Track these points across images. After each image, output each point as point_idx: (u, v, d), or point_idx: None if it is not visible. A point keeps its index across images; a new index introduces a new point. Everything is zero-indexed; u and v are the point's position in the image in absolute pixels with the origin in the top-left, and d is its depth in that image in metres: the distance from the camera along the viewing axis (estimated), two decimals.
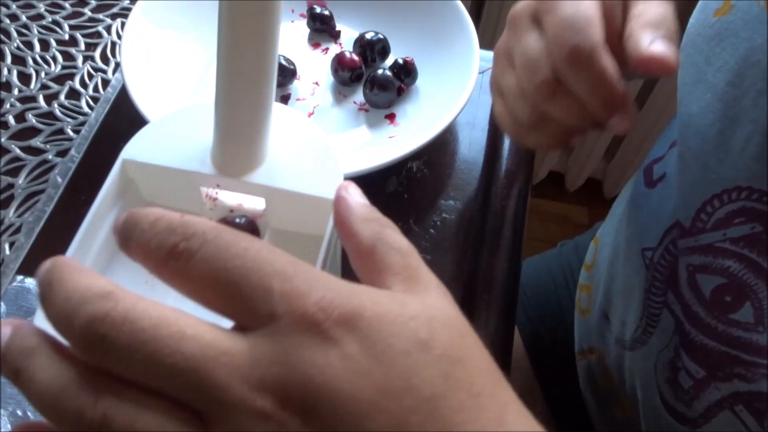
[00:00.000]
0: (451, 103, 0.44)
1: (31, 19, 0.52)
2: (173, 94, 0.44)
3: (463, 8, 0.48)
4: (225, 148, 0.27)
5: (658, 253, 0.37)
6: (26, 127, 0.46)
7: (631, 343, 0.41)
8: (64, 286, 0.19)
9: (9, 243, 0.40)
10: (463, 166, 0.46)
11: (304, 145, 0.29)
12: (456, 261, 0.42)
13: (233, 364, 0.18)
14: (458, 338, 0.21)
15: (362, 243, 0.23)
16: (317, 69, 0.49)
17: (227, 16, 0.24)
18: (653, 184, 0.41)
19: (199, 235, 0.20)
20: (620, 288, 0.43)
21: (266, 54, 0.25)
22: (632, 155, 1.23)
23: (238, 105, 0.26)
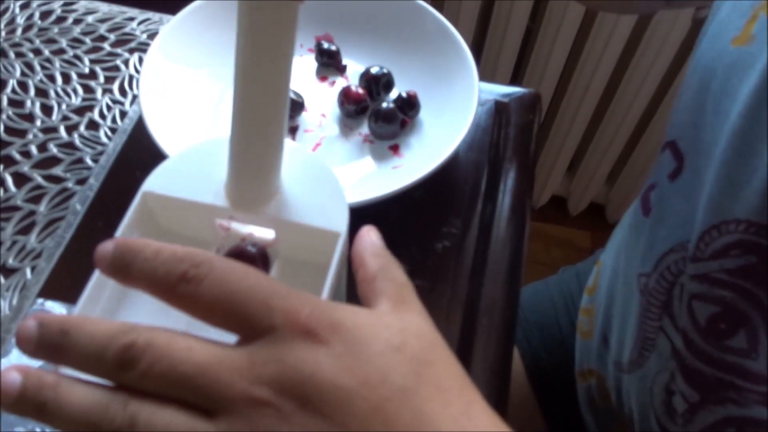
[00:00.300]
0: (453, 135, 0.46)
1: (53, 53, 0.55)
2: (187, 126, 0.47)
3: (464, 44, 0.50)
4: (238, 184, 0.30)
5: (653, 278, 0.39)
6: (48, 156, 0.48)
7: (628, 366, 0.42)
8: (83, 330, 0.23)
9: (31, 267, 0.42)
10: (464, 194, 0.48)
11: (312, 180, 0.31)
12: (456, 287, 0.43)
13: (234, 365, 0.22)
14: (428, 346, 0.25)
15: (368, 272, 0.27)
16: (324, 101, 0.51)
17: (242, 63, 0.26)
18: (649, 211, 0.42)
19: (207, 263, 0.23)
20: (618, 311, 0.44)
21: (278, 105, 0.27)
22: (634, 180, 1.25)
23: (251, 144, 0.28)
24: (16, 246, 0.43)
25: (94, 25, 0.57)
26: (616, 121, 1.15)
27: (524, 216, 0.49)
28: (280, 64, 0.27)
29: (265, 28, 0.26)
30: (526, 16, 1.02)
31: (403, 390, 0.23)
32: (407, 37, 0.53)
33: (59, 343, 0.23)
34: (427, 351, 0.25)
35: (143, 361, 0.22)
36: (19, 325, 0.24)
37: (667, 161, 0.40)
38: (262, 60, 0.26)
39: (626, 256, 0.44)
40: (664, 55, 1.01)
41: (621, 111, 1.13)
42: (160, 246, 0.24)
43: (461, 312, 0.42)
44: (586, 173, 1.27)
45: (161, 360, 0.22)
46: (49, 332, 0.23)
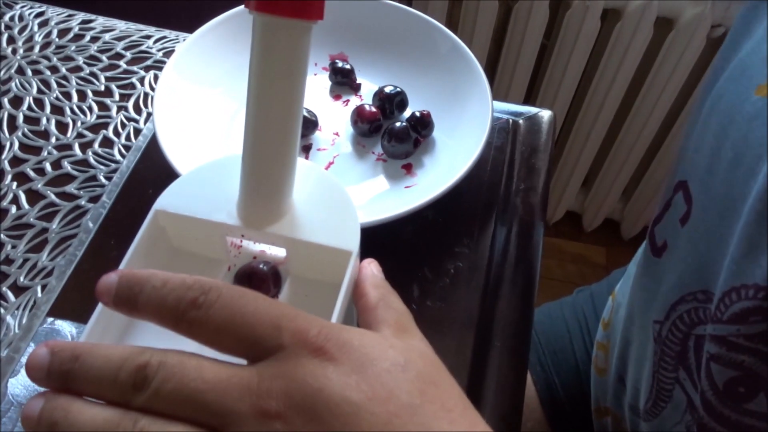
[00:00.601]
0: (466, 155, 0.45)
1: (70, 70, 0.55)
2: (200, 145, 0.47)
3: (477, 63, 0.50)
4: (250, 202, 0.29)
5: (666, 327, 0.37)
6: (61, 173, 0.48)
7: (644, 413, 0.41)
8: (97, 353, 0.23)
9: (41, 286, 0.42)
10: (477, 214, 0.47)
11: (324, 198, 0.31)
12: (469, 308, 0.43)
13: (243, 381, 0.22)
14: (431, 367, 0.25)
15: (369, 301, 0.28)
16: (338, 120, 0.51)
17: (256, 81, 0.26)
18: (659, 252, 0.40)
19: (216, 289, 0.24)
20: (634, 355, 0.43)
21: (291, 123, 0.27)
22: (650, 196, 1.24)
23: (263, 162, 0.28)
24: (27, 264, 0.43)
25: (111, 43, 0.58)
26: (631, 136, 1.14)
27: (538, 237, 0.48)
28: (293, 83, 0.26)
29: (278, 46, 0.26)
30: (540, 35, 1.02)
31: (409, 406, 0.23)
32: (421, 56, 0.53)
33: (71, 368, 0.23)
34: (430, 371, 0.25)
35: (156, 379, 0.22)
36: (30, 354, 0.24)
37: (678, 203, 0.38)
38: (276, 78, 0.26)
39: (639, 298, 0.42)
40: (679, 72, 1.00)
41: (636, 127, 1.12)
42: (167, 275, 0.25)
43: (474, 333, 0.42)
44: (601, 189, 1.26)
45: (173, 377, 0.22)
46: (60, 358, 0.23)
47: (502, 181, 0.50)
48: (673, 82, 1.02)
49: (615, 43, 1.00)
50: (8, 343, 0.40)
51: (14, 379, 0.38)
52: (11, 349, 0.40)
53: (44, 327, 0.40)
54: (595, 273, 1.38)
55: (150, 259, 0.31)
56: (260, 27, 0.25)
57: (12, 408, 0.37)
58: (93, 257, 0.44)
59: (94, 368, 0.23)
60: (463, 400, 0.25)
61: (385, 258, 0.30)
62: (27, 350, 0.39)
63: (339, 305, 0.28)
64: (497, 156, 0.51)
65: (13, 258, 0.44)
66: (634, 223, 1.31)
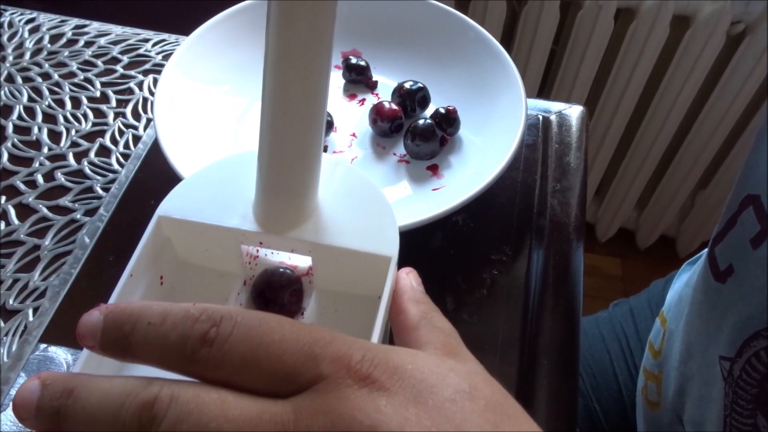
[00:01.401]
0: (498, 154, 0.41)
1: (63, 77, 0.51)
2: (206, 148, 0.43)
3: (506, 54, 0.46)
4: (269, 202, 0.25)
5: (738, 365, 0.33)
6: (54, 185, 0.44)
7: None
8: (94, 387, 0.19)
9: (33, 308, 0.38)
10: (512, 218, 0.43)
11: (354, 196, 0.27)
12: (510, 322, 0.38)
13: (277, 419, 0.18)
14: (500, 394, 0.21)
15: (409, 320, 0.24)
16: (354, 121, 0.47)
17: (276, 58, 0.22)
18: (722, 277, 0.36)
19: (228, 318, 0.19)
20: (696, 394, 0.38)
21: (317, 96, 0.23)
22: (666, 205, 1.20)
23: (284, 154, 0.24)
24: (17, 285, 0.39)
25: (106, 48, 0.54)
26: (647, 141, 1.10)
27: (578, 240, 0.44)
28: (319, 59, 0.22)
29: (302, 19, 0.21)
30: (550, 37, 0.99)
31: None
32: (441, 49, 0.49)
33: (63, 405, 0.19)
34: (499, 398, 0.21)
35: (167, 420, 0.18)
36: (18, 389, 0.19)
37: (747, 221, 0.33)
38: (299, 53, 0.22)
39: (699, 329, 0.38)
40: (697, 72, 0.97)
41: (652, 131, 1.08)
42: (165, 306, 0.20)
43: (518, 350, 0.37)
44: (615, 198, 1.22)
45: (188, 417, 0.18)
46: (51, 393, 0.19)
47: (537, 182, 0.45)
48: (691, 83, 0.98)
49: (629, 43, 0.96)
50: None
51: (4, 414, 0.34)
52: (1, 381, 0.35)
53: (36, 354, 0.36)
54: (611, 286, 1.34)
55: (152, 276, 0.26)
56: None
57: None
58: (90, 276, 0.40)
59: (90, 405, 0.18)
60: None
61: (414, 267, 0.26)
62: (17, 381, 0.35)
63: (379, 322, 0.23)
64: (529, 155, 0.47)
65: (2, 278, 0.39)
66: (650, 232, 1.27)
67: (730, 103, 0.99)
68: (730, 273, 0.35)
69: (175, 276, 0.28)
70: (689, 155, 1.10)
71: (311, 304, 0.27)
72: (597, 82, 1.04)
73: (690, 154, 1.10)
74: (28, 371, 0.35)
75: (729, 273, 0.35)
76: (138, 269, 0.25)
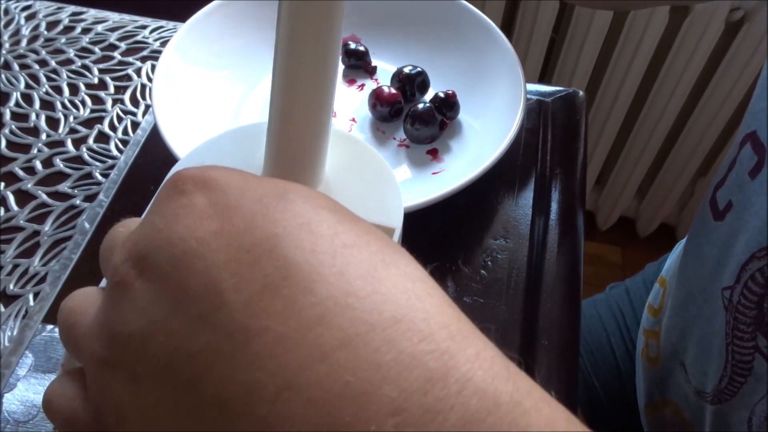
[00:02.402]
0: (497, 137, 0.41)
1: (60, 64, 0.51)
2: (206, 133, 0.42)
3: (504, 38, 0.46)
4: (278, 172, 0.25)
5: (737, 291, 0.34)
6: (53, 171, 0.44)
7: (714, 395, 0.37)
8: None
9: (33, 293, 0.38)
10: (512, 202, 0.43)
11: (361, 168, 0.27)
12: (511, 304, 0.38)
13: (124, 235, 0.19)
14: (328, 199, 0.19)
15: None
16: (353, 106, 0.47)
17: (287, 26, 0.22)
18: (721, 215, 0.37)
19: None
20: (698, 334, 0.39)
21: (328, 65, 0.22)
22: (666, 192, 1.20)
23: (295, 125, 0.24)
24: (17, 270, 0.39)
25: (103, 34, 0.54)
26: (647, 129, 1.10)
27: (579, 225, 0.44)
28: (331, 29, 0.22)
29: None
30: (550, 24, 0.98)
31: (271, 237, 0.16)
32: (440, 34, 0.49)
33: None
34: (327, 201, 0.18)
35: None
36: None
37: (746, 157, 0.35)
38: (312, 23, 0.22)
39: (700, 270, 0.39)
40: (695, 60, 0.96)
41: (651, 119, 1.08)
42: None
43: (518, 332, 0.37)
44: (616, 186, 1.22)
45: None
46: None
47: (537, 166, 0.45)
48: (690, 70, 0.98)
49: (628, 33, 0.96)
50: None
51: (10, 394, 0.34)
52: (2, 365, 0.35)
53: (43, 336, 0.36)
54: (611, 273, 1.34)
55: None
56: None
57: (8, 426, 0.33)
58: (90, 261, 0.39)
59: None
60: (383, 239, 0.18)
61: (414, 251, 0.26)
62: (19, 364, 0.35)
63: None
64: (529, 139, 0.47)
65: (2, 264, 0.39)
66: (651, 220, 1.27)
67: (730, 90, 0.99)
68: (728, 209, 0.36)
69: None
70: (689, 143, 1.10)
71: None
72: (596, 71, 1.04)
73: (690, 142, 1.10)
74: (35, 352, 0.35)
75: (728, 209, 0.36)
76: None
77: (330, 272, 0.16)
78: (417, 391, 0.14)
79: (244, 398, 0.15)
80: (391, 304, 0.15)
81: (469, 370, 0.15)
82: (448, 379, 0.14)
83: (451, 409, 0.14)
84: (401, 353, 0.15)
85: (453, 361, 0.15)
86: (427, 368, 0.14)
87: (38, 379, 0.34)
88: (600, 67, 1.04)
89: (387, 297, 0.16)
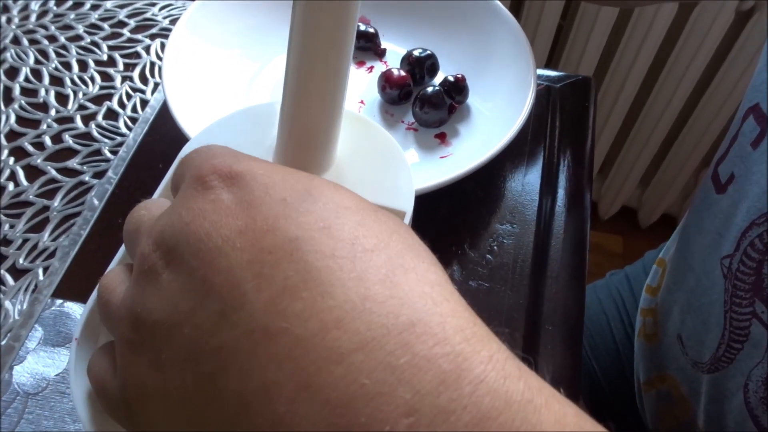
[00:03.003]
0: (506, 122, 0.41)
1: (69, 40, 0.51)
2: (216, 112, 0.42)
3: (516, 23, 0.46)
4: (290, 152, 0.25)
5: (736, 259, 0.34)
6: (63, 148, 0.44)
7: (711, 364, 0.37)
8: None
9: (43, 268, 0.38)
10: (519, 188, 0.43)
11: (373, 151, 0.27)
12: (516, 289, 0.39)
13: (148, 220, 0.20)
14: (352, 198, 0.19)
15: None
16: (362, 88, 0.47)
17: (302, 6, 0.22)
18: (723, 188, 0.38)
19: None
20: (696, 305, 0.39)
21: (343, 46, 0.22)
22: (669, 183, 1.20)
23: (308, 106, 0.24)
24: (27, 245, 0.39)
25: (112, 11, 0.53)
26: (652, 119, 1.09)
27: (586, 212, 0.44)
28: (347, 7, 0.22)
29: None
30: (558, 12, 0.98)
31: (293, 240, 0.17)
32: (451, 17, 0.49)
33: None
34: (349, 198, 0.19)
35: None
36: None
37: (748, 129, 0.36)
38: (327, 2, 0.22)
39: (700, 243, 0.39)
40: (704, 51, 0.96)
41: (657, 109, 1.08)
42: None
43: (523, 317, 0.38)
44: (619, 176, 1.22)
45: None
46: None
47: (545, 152, 0.45)
48: (698, 61, 0.97)
49: (636, 22, 0.95)
50: (8, 331, 0.36)
51: (20, 366, 0.34)
52: (11, 337, 0.35)
53: (52, 310, 0.36)
54: (611, 262, 1.34)
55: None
56: None
57: (18, 398, 0.33)
58: (99, 237, 0.40)
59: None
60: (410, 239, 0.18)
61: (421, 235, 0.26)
62: (29, 337, 0.35)
63: None
64: (537, 124, 0.47)
65: (12, 238, 0.40)
66: (653, 210, 1.27)
67: (737, 80, 0.99)
68: (730, 181, 0.37)
69: None
70: (694, 133, 1.09)
71: None
72: (603, 59, 1.04)
73: (695, 132, 1.09)
74: (44, 325, 0.36)
75: (730, 182, 0.37)
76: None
77: (349, 277, 0.16)
78: (431, 393, 0.15)
79: (262, 396, 0.15)
80: (407, 308, 0.16)
81: (483, 372, 0.15)
82: (462, 381, 0.15)
83: (464, 409, 0.14)
84: (416, 356, 0.15)
85: (467, 363, 0.15)
86: (442, 370, 0.15)
87: (47, 352, 0.35)
88: (607, 55, 1.03)
89: (404, 301, 0.16)
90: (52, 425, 0.32)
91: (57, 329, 0.36)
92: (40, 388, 0.34)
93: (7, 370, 0.34)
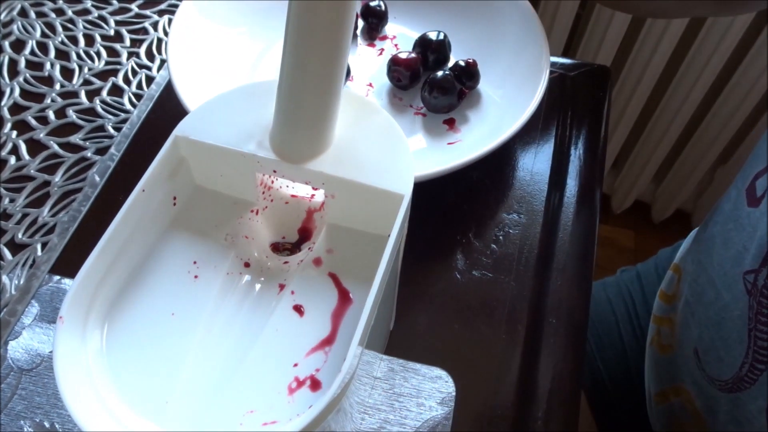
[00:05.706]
0: (517, 110, 0.40)
1: (77, 14, 0.50)
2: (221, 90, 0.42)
3: (531, 8, 0.44)
4: (287, 132, 0.24)
5: (762, 275, 0.33)
6: (66, 123, 0.44)
7: (733, 384, 0.36)
8: None
9: (42, 243, 0.38)
10: (527, 177, 0.42)
11: (373, 133, 0.26)
12: (520, 280, 0.38)
13: None
14: None
15: None
16: (371, 70, 0.46)
17: None
18: (757, 202, 0.36)
19: None
20: (716, 320, 0.38)
21: (342, 24, 0.22)
22: (684, 179, 1.18)
23: (306, 84, 0.23)
24: (26, 219, 0.39)
25: None
26: (668, 114, 1.07)
27: (594, 204, 0.43)
28: None
29: None
30: (575, 4, 0.96)
31: None
32: (463, 2, 0.48)
33: None
34: None
35: None
36: None
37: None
38: None
39: (724, 255, 0.38)
40: (724, 46, 0.94)
41: (674, 104, 1.05)
42: None
43: (527, 309, 0.37)
44: (633, 170, 1.20)
45: None
46: None
47: (556, 142, 0.44)
48: (718, 56, 0.95)
49: (652, 20, 0.93)
50: (4, 305, 0.35)
51: (15, 341, 0.34)
52: (7, 312, 0.35)
53: (49, 286, 0.36)
54: (622, 257, 1.33)
55: (165, 194, 0.26)
56: None
57: (12, 373, 0.33)
58: (100, 213, 0.39)
59: None
60: None
61: (425, 222, 0.25)
62: (25, 313, 0.35)
63: (385, 260, 0.23)
64: (549, 113, 0.46)
65: (11, 213, 0.39)
66: (666, 206, 1.25)
67: (758, 77, 0.96)
68: (764, 197, 0.35)
69: (188, 198, 0.28)
70: (712, 128, 1.07)
71: (322, 237, 0.27)
72: (621, 50, 1.02)
73: (713, 128, 1.07)
74: (41, 302, 0.35)
75: (763, 197, 0.35)
76: (150, 185, 0.25)
77: None
78: None
79: None
80: None
81: None
82: None
83: None
84: None
85: None
86: None
87: (43, 328, 0.35)
88: (625, 47, 1.01)
89: None
90: (45, 402, 0.32)
91: (54, 305, 0.35)
92: (34, 365, 0.33)
93: (4, 343, 0.34)
